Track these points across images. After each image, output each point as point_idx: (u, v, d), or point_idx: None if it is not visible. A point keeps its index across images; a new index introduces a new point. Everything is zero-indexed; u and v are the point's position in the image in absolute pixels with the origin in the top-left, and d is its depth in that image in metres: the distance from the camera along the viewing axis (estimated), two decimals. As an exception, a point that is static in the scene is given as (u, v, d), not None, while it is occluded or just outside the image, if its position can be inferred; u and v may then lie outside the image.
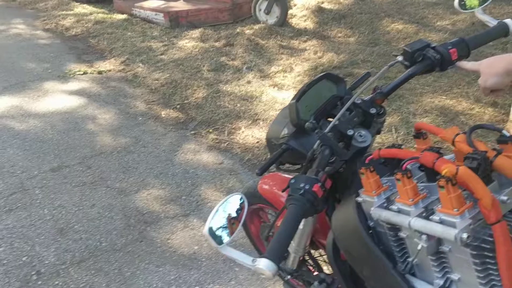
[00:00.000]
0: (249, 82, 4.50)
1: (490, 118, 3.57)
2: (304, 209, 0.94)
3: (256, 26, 5.74)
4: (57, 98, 4.48)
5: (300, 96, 1.22)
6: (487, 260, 0.92)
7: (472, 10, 1.32)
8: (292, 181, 0.99)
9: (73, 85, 4.74)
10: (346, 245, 1.20)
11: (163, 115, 4.10)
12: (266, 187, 1.78)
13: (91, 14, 6.88)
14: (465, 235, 0.87)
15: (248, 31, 5.64)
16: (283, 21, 5.77)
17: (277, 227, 0.95)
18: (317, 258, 1.89)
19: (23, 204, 3.00)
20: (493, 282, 0.93)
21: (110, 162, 3.43)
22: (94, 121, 4.03)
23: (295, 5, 6.49)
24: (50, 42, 6.05)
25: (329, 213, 1.30)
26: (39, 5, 7.58)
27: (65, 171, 3.33)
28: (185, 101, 4.28)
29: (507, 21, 1.36)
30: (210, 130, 3.79)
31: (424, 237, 0.96)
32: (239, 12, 6.23)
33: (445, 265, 1.01)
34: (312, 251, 1.85)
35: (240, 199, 1.04)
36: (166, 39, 5.77)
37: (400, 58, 1.27)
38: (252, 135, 3.66)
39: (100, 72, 5.05)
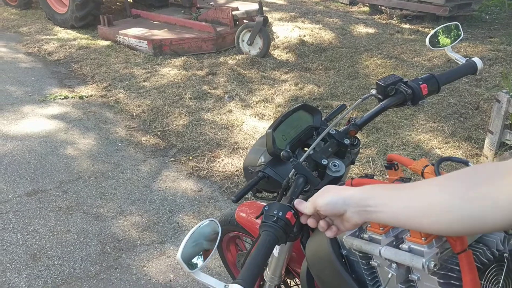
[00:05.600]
0: (230, 111, 4.54)
1: (464, 152, 3.66)
2: (277, 236, 0.96)
3: (239, 57, 5.84)
4: (36, 121, 4.44)
5: (276, 125, 1.25)
6: (454, 288, 0.94)
7: (441, 48, 1.38)
8: (266, 208, 1.01)
9: (53, 109, 4.72)
10: (319, 273, 1.21)
11: (143, 142, 4.09)
12: (243, 215, 1.79)
13: (74, 39, 6.90)
14: (432, 264, 0.90)
15: (230, 61, 5.72)
16: (265, 53, 5.89)
17: None
18: (293, 287, 1.89)
19: (-4, 228, 2.94)
20: (460, 310, 0.95)
21: (87, 188, 3.40)
22: (73, 145, 4.00)
23: (277, 37, 6.63)
24: (32, 66, 6.03)
25: (303, 241, 1.31)
26: (22, 29, 7.57)
27: (40, 196, 3.28)
28: (166, 128, 4.29)
29: (475, 59, 1.43)
30: (190, 158, 3.79)
31: (394, 265, 0.99)
32: (223, 43, 6.34)
33: (414, 293, 1.03)
34: (288, 280, 1.85)
35: (215, 225, 1.05)
36: (149, 66, 5.81)
37: (373, 91, 1.32)
38: (232, 163, 3.67)
39: (81, 97, 5.03)
